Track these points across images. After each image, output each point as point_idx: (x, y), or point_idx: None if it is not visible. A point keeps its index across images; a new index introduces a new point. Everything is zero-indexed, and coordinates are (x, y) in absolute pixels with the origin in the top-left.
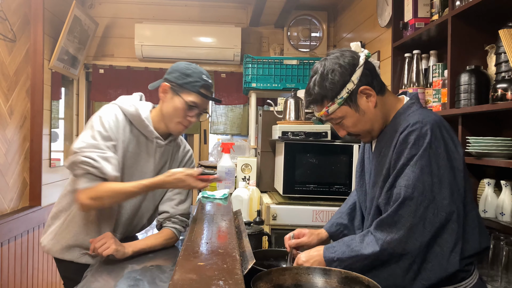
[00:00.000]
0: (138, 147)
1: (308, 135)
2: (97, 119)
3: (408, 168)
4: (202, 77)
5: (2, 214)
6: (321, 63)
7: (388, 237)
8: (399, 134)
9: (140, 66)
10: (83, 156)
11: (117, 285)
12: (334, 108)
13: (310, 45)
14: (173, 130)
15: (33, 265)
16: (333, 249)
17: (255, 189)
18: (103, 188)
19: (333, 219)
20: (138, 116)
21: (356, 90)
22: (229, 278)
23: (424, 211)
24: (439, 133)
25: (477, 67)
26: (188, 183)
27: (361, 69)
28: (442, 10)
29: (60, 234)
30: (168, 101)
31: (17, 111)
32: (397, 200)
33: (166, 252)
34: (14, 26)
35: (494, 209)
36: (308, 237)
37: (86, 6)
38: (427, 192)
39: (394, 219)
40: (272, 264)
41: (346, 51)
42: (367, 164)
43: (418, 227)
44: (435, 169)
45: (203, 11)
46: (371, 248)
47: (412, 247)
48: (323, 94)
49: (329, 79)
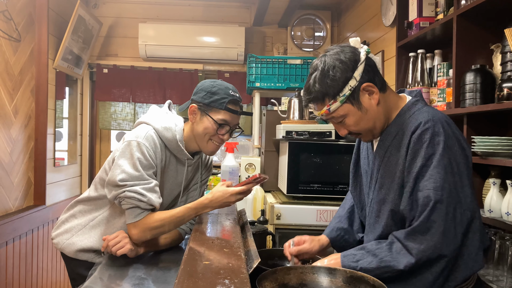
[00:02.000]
0: (170, 166)
1: (312, 134)
2: (135, 146)
3: (432, 169)
4: (228, 92)
5: (7, 213)
6: (320, 59)
7: (422, 246)
8: (411, 133)
9: (144, 65)
10: (129, 191)
11: (122, 284)
12: (336, 106)
13: (314, 44)
14: (206, 150)
15: (38, 264)
16: (354, 257)
17: (259, 188)
18: (154, 219)
19: (332, 224)
20: (174, 142)
21: (358, 87)
22: (234, 277)
23: (453, 213)
24: (451, 131)
25: (482, 66)
26: (231, 201)
27: (363, 65)
28: (447, 9)
29: (78, 236)
30: (198, 122)
31: (22, 110)
32: (427, 204)
33: (171, 251)
34: (19, 26)
35: (500, 209)
36: (309, 243)
37: (90, 6)
38: (454, 193)
39: (427, 225)
40: (276, 263)
41: (346, 46)
42: (364, 165)
43: (450, 230)
44: (455, 167)
45: (206, 10)
46: (405, 260)
47: (447, 251)
48: (324, 91)
49: (330, 76)
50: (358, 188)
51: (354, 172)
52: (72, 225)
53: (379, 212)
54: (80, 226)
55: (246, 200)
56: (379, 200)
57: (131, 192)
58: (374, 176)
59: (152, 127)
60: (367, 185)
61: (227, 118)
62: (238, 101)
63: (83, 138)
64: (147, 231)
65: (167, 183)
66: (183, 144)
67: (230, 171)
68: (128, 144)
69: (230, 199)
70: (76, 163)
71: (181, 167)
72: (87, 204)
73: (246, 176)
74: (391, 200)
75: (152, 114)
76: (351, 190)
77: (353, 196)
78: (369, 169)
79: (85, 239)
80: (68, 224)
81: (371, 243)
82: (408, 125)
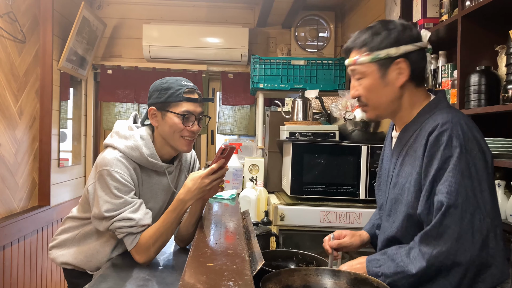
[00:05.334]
0: (151, 180)
1: (316, 135)
2: (108, 175)
3: (447, 172)
4: (181, 83)
5: (12, 213)
6: (387, 20)
7: (434, 251)
8: (428, 134)
9: (148, 66)
10: (117, 220)
11: (126, 285)
12: (365, 60)
13: (318, 45)
14: (180, 148)
15: (42, 264)
16: (377, 263)
17: (262, 189)
18: (148, 237)
19: (372, 220)
20: (145, 159)
21: (394, 59)
22: (238, 278)
23: (470, 218)
24: (470, 133)
25: (487, 67)
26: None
27: (414, 48)
28: (451, 10)
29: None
30: (161, 123)
31: (26, 111)
32: (439, 209)
33: (174, 253)
34: (24, 27)
35: (505, 210)
36: (350, 238)
37: (95, 7)
38: (471, 198)
39: (439, 230)
40: (280, 264)
41: (415, 28)
42: (386, 163)
43: (466, 236)
44: (473, 172)
45: (210, 11)
46: (417, 264)
47: (463, 259)
48: (367, 41)
49: (383, 33)
50: (379, 186)
51: (379, 170)
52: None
53: (390, 211)
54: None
55: (249, 201)
56: (391, 198)
57: (120, 221)
58: (390, 173)
59: (118, 150)
60: (385, 183)
61: (189, 108)
62: (194, 90)
63: (87, 138)
64: (149, 250)
65: (155, 197)
66: (156, 157)
67: (233, 172)
68: (100, 176)
69: (203, 183)
70: (80, 164)
71: (163, 177)
72: (74, 221)
73: (249, 178)
74: (406, 202)
75: (116, 133)
76: (375, 188)
77: (376, 194)
78: (388, 166)
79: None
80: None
81: (393, 247)
82: (426, 124)
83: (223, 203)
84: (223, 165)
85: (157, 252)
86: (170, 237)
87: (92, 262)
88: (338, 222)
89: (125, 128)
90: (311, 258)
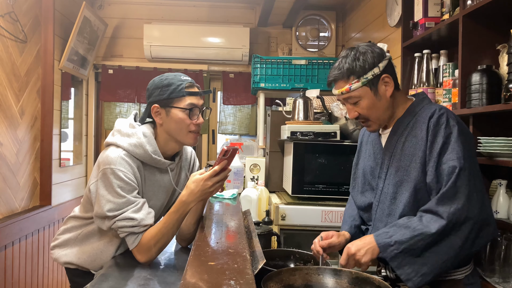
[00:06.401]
0: (154, 177)
1: (317, 135)
2: (111, 174)
3: (452, 144)
4: (181, 78)
5: (13, 213)
6: (354, 47)
7: (451, 208)
8: (428, 118)
9: (149, 66)
10: (119, 220)
11: (128, 284)
12: (357, 86)
13: (319, 45)
14: (188, 141)
15: (44, 264)
16: (387, 234)
17: (263, 189)
18: (149, 237)
19: (348, 222)
20: (148, 156)
21: (379, 75)
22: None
23: (474, 180)
24: (458, 117)
25: (488, 66)
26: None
27: (387, 61)
28: (452, 9)
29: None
30: (166, 120)
31: (28, 111)
32: (452, 172)
33: (176, 252)
34: (25, 27)
35: (506, 210)
36: (337, 237)
37: (96, 7)
38: (472, 164)
39: (454, 190)
40: (278, 264)
41: (375, 44)
42: (369, 161)
43: (473, 195)
44: (467, 143)
45: (211, 11)
46: (436, 224)
47: (472, 214)
48: (352, 70)
49: (361, 59)
50: (357, 188)
51: (353, 174)
52: (64, 238)
53: (395, 194)
54: (71, 241)
55: (250, 201)
56: (395, 182)
57: (122, 221)
58: (385, 164)
59: (122, 149)
60: (374, 178)
61: (193, 101)
62: (193, 83)
63: (88, 138)
64: (150, 250)
65: (157, 194)
66: (159, 154)
67: (235, 171)
68: (103, 174)
69: (206, 185)
70: (81, 164)
71: (165, 174)
72: (76, 221)
73: (250, 177)
74: (413, 178)
75: (118, 132)
76: (350, 189)
77: (353, 196)
78: (375, 163)
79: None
80: (64, 237)
81: (401, 219)
82: (422, 114)
83: (225, 202)
84: (225, 167)
85: (159, 252)
86: (171, 238)
87: (96, 262)
88: (339, 222)
89: (127, 126)
90: (308, 257)
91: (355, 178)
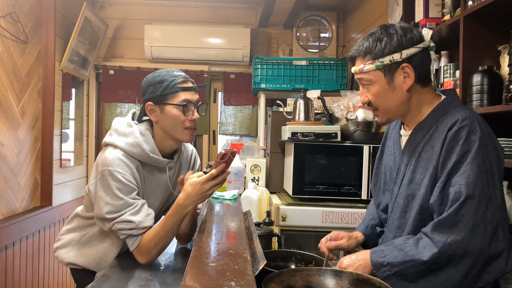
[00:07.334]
0: (152, 176)
1: (317, 136)
2: (109, 175)
3: (465, 165)
4: (173, 74)
5: (14, 214)
6: (386, 25)
7: (448, 239)
8: (447, 130)
9: (150, 67)
10: (118, 222)
11: (128, 285)
12: (370, 68)
13: (319, 45)
14: (184, 138)
15: (45, 264)
16: (382, 253)
17: (264, 190)
18: (148, 239)
19: (365, 221)
20: (146, 155)
21: (398, 64)
22: (240, 279)
23: (484, 210)
24: (486, 130)
25: (489, 67)
26: (206, 189)
27: (417, 50)
28: (453, 10)
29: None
30: (161, 117)
31: (29, 112)
32: (457, 199)
33: (176, 253)
34: (26, 28)
35: (508, 211)
36: (347, 240)
37: (97, 7)
38: (486, 191)
39: (455, 219)
40: (278, 265)
41: (416, 29)
42: (389, 161)
43: (479, 227)
44: (488, 166)
45: (212, 12)
46: (429, 252)
47: (474, 249)
48: (369, 50)
49: (384, 40)
50: (378, 185)
51: (376, 169)
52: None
53: (406, 207)
54: (74, 242)
55: (251, 202)
56: (407, 195)
57: (120, 223)
58: (401, 171)
59: (119, 149)
60: (392, 181)
61: (187, 97)
62: (187, 78)
63: (89, 139)
64: (150, 252)
65: (155, 193)
66: (157, 152)
67: (235, 172)
68: (102, 176)
69: (203, 188)
70: (82, 164)
71: (164, 173)
72: (80, 221)
73: (251, 178)
74: (421, 195)
75: (115, 131)
76: (371, 186)
77: (373, 192)
78: (394, 165)
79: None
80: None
81: (400, 238)
82: (443, 121)
83: (225, 203)
84: (223, 170)
85: (159, 254)
86: (171, 239)
87: (102, 264)
88: (340, 223)
89: (124, 125)
90: (310, 258)
91: (378, 173)
